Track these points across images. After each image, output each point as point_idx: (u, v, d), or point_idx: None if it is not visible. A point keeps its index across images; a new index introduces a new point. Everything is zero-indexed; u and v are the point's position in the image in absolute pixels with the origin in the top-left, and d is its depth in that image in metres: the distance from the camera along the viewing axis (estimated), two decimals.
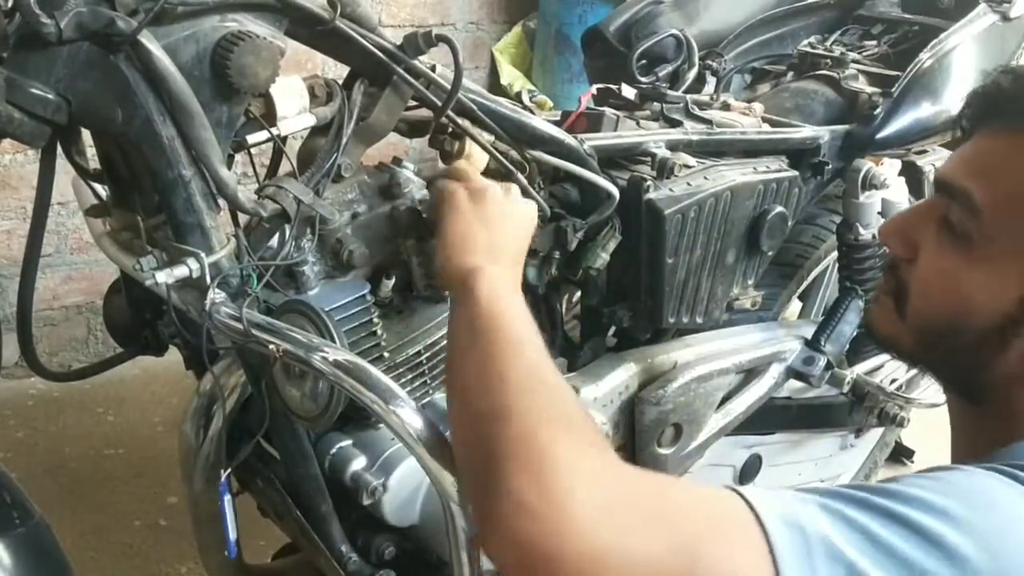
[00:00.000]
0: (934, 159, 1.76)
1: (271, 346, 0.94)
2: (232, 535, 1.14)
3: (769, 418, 1.61)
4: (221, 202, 1.00)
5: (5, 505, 0.94)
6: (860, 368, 1.68)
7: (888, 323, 0.89)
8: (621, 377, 1.38)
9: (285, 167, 1.09)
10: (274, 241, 1.07)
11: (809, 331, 1.59)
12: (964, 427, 0.89)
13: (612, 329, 1.44)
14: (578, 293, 1.47)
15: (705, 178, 1.37)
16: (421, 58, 1.07)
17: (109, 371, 1.31)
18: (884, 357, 1.73)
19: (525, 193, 1.19)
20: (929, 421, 1.93)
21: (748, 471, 1.71)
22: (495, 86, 3.17)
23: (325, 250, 1.10)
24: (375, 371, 0.96)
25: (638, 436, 1.39)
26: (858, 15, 1.88)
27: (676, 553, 0.62)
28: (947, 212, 0.83)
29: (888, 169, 1.69)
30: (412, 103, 1.12)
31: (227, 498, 1.13)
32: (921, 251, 0.85)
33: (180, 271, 0.97)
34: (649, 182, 1.30)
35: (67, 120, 0.90)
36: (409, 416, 0.95)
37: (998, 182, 0.80)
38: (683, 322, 1.43)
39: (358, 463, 1.16)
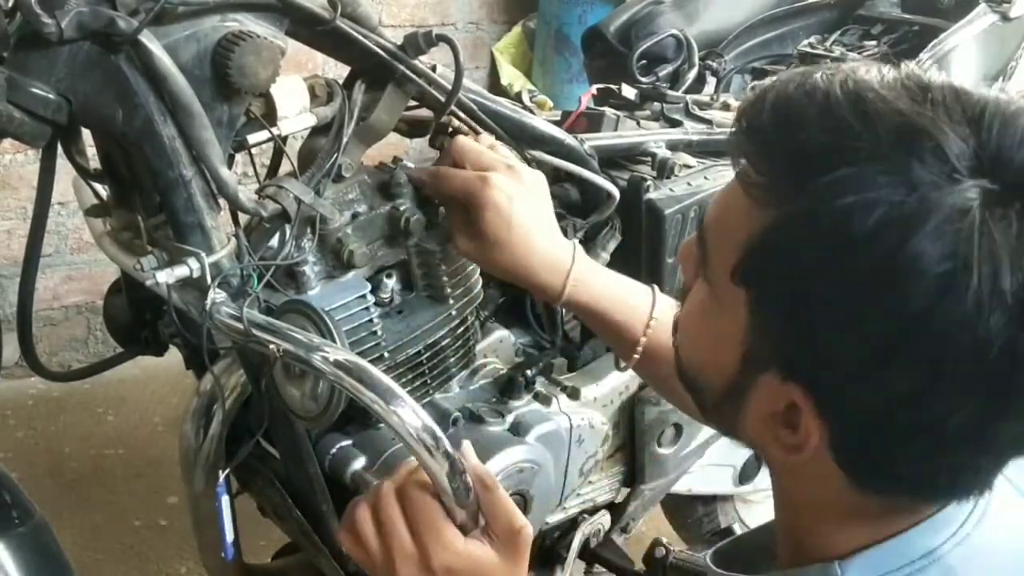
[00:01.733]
0: None
1: (271, 346, 0.94)
2: (229, 537, 1.14)
3: None
4: (221, 202, 1.00)
5: (5, 505, 0.94)
6: None
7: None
8: (621, 377, 1.38)
9: (285, 167, 1.09)
10: (274, 241, 1.07)
11: None
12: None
13: None
14: None
15: (705, 178, 1.37)
16: (421, 58, 1.07)
17: (109, 371, 1.31)
18: None
19: None
20: None
21: (748, 471, 1.71)
22: (495, 86, 3.17)
23: (325, 250, 1.10)
24: (375, 371, 0.96)
25: (638, 436, 1.39)
26: (858, 15, 1.88)
27: None
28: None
29: None
30: (412, 103, 1.12)
31: (225, 499, 1.13)
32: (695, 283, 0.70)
33: (180, 271, 0.97)
34: (649, 182, 1.30)
35: (68, 120, 0.90)
36: (409, 416, 0.95)
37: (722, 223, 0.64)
38: None
39: (358, 463, 1.15)
